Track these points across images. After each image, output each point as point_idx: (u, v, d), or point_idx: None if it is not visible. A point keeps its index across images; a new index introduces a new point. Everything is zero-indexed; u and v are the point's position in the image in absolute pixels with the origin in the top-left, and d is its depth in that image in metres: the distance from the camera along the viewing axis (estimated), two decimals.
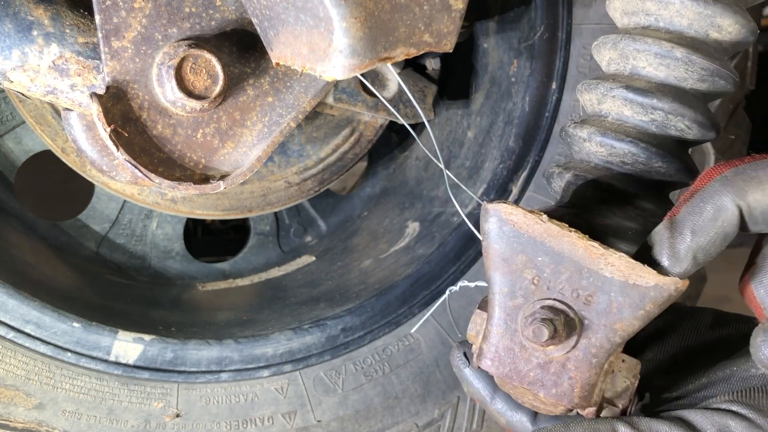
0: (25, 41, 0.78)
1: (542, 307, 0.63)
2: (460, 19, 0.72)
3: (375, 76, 1.17)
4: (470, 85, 1.29)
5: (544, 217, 0.64)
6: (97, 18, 0.74)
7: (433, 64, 1.26)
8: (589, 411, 0.64)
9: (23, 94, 0.82)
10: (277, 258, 1.42)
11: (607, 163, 0.76)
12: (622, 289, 0.62)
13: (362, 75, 1.05)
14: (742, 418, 0.59)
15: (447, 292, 0.83)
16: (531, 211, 0.64)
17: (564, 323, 0.62)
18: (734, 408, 0.60)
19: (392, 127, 1.42)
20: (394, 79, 1.18)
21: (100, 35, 0.75)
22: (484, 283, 0.77)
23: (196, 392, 0.99)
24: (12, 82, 0.79)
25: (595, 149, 0.76)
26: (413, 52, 0.70)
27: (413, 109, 1.21)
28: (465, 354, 0.74)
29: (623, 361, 0.66)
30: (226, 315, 1.18)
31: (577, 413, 0.66)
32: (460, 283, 0.84)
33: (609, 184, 0.74)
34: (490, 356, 0.66)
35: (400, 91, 1.18)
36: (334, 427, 1.02)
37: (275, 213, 1.43)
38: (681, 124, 0.74)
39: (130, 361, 0.97)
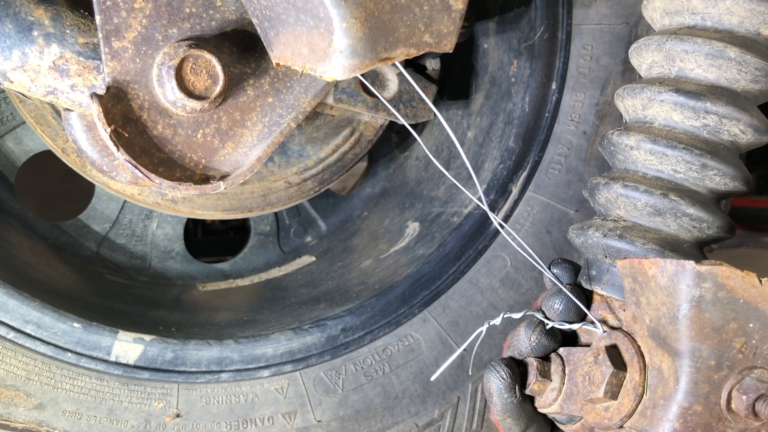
0: (26, 42, 0.78)
1: (754, 379, 0.59)
2: (460, 19, 0.72)
3: (375, 77, 1.17)
4: (470, 86, 1.29)
5: (765, 279, 0.59)
6: (98, 18, 0.74)
7: (433, 65, 1.27)
8: None
9: (24, 95, 0.82)
10: (278, 258, 1.42)
11: (658, 172, 0.72)
12: None
13: (362, 75, 1.06)
14: None
15: (486, 324, 0.78)
16: (747, 273, 0.59)
17: None
18: None
19: (392, 128, 1.42)
20: (394, 80, 1.18)
21: (100, 35, 0.75)
22: (531, 312, 0.74)
23: (197, 392, 0.99)
24: (12, 82, 0.79)
25: (644, 157, 0.72)
26: (413, 53, 0.70)
27: (413, 110, 1.21)
28: (517, 388, 0.71)
29: None
30: (226, 315, 1.18)
31: None
32: (504, 315, 0.77)
33: (662, 194, 0.71)
34: None
35: (401, 91, 1.19)
36: (334, 427, 1.02)
37: (275, 213, 1.43)
38: (735, 128, 0.70)
39: (131, 362, 0.97)
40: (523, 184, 1.13)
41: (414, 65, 1.26)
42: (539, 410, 0.73)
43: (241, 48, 0.82)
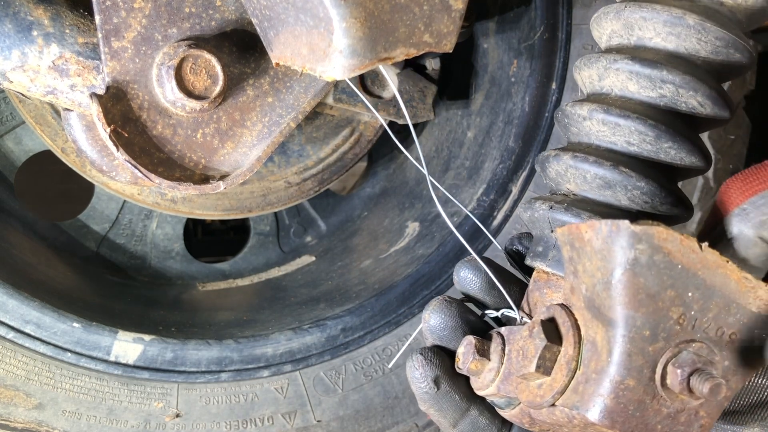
0: (25, 41, 0.78)
1: (691, 353, 0.55)
2: (460, 19, 0.72)
3: (375, 77, 1.17)
4: (470, 86, 1.29)
5: (704, 244, 0.55)
6: (97, 18, 0.74)
7: (433, 65, 1.26)
8: None
9: (23, 95, 0.82)
10: (277, 258, 1.42)
11: (611, 143, 0.68)
12: (765, 324, 0.55)
13: (361, 75, 1.05)
14: None
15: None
16: (687, 237, 0.55)
17: (722, 372, 0.55)
18: None
19: (392, 128, 1.42)
20: (394, 79, 1.18)
21: (100, 35, 0.75)
22: (510, 312, 0.69)
23: (196, 392, 0.99)
24: (12, 82, 0.79)
25: (597, 128, 0.68)
26: (413, 53, 0.70)
27: (413, 110, 1.21)
28: (436, 380, 0.66)
29: None
30: (226, 315, 1.18)
31: None
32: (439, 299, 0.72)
33: (612, 166, 0.66)
34: (610, 411, 0.55)
35: (400, 91, 1.18)
36: (334, 427, 1.02)
37: (275, 213, 1.43)
38: (693, 100, 0.66)
39: (130, 361, 0.97)
40: (523, 184, 1.13)
41: (414, 65, 1.26)
42: (477, 392, 0.67)
43: (241, 48, 0.82)
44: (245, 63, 0.82)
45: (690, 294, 0.54)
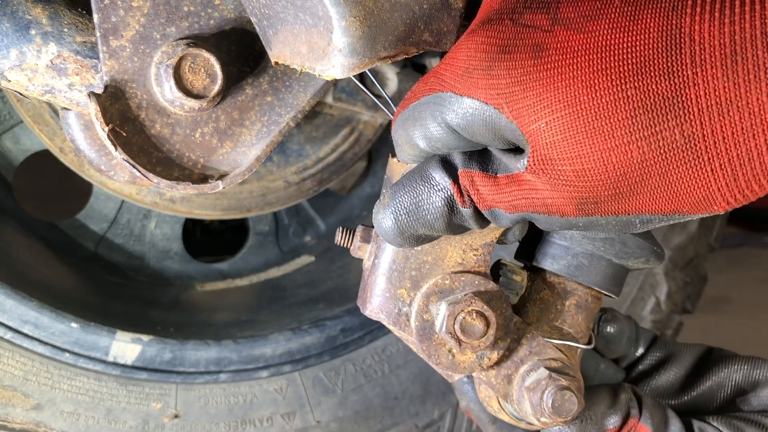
0: (23, 40, 0.77)
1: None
2: (460, 18, 0.72)
3: (375, 75, 1.17)
4: None
5: (393, 158, 0.71)
6: (96, 17, 0.74)
7: (433, 64, 1.26)
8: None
9: (21, 94, 0.81)
10: (276, 258, 1.42)
11: None
12: (388, 182, 0.71)
13: (360, 74, 1.05)
14: None
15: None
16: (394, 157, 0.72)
17: None
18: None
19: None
20: (394, 78, 1.18)
21: (98, 34, 0.74)
22: None
23: (195, 393, 0.98)
24: (10, 81, 0.78)
25: None
26: (413, 51, 0.70)
27: None
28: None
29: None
30: (224, 315, 1.17)
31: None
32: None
33: None
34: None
35: (400, 90, 1.18)
36: (333, 428, 1.02)
37: (274, 213, 1.42)
38: None
39: (129, 362, 0.97)
40: None
41: (414, 64, 1.26)
42: None
43: (240, 47, 0.82)
44: (244, 62, 0.82)
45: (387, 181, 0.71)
